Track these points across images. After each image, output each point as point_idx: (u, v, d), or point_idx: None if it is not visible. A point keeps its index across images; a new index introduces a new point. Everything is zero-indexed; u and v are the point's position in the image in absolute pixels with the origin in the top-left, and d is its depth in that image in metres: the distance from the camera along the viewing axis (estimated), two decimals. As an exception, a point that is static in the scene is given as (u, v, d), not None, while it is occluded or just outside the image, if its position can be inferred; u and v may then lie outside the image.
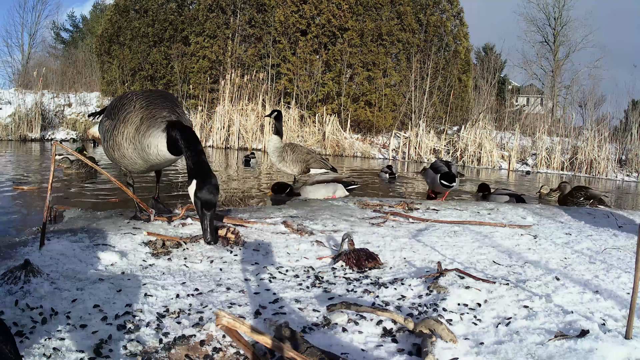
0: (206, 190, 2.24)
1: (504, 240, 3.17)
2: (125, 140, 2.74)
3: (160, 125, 2.65)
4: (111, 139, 2.81)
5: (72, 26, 37.87)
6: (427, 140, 15.98)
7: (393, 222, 3.64)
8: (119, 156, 2.84)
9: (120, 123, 2.75)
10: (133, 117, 2.72)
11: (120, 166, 3.03)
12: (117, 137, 2.77)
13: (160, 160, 2.75)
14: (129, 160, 2.82)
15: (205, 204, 2.24)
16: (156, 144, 2.65)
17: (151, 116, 2.69)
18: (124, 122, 2.74)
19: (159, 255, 2.40)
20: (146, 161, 2.77)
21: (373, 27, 18.25)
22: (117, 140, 2.77)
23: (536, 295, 2.02)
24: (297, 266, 2.40)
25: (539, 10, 29.59)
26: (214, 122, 16.22)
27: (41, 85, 16.02)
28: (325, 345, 1.50)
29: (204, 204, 2.24)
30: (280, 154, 6.19)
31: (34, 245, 2.32)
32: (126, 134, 2.73)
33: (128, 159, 2.82)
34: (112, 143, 2.81)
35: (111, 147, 2.84)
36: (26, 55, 30.81)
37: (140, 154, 2.73)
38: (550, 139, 15.96)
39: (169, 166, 3.13)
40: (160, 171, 3.38)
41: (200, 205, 2.25)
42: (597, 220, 4.37)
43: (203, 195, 2.23)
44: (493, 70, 21.25)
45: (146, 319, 1.62)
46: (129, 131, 2.72)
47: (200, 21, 19.08)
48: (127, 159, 2.82)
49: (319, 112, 16.91)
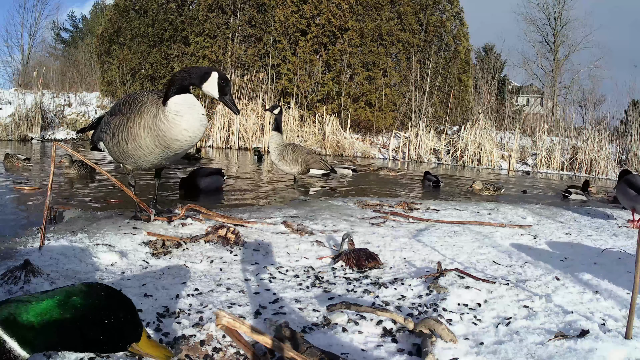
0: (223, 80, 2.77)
1: (504, 240, 3.17)
2: (142, 129, 2.80)
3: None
4: (125, 131, 2.86)
5: (72, 26, 37.85)
6: (427, 140, 15.97)
7: (393, 222, 3.64)
8: (132, 148, 2.87)
9: (136, 114, 2.82)
10: (149, 107, 2.80)
11: (126, 164, 3.07)
12: (133, 128, 2.82)
13: (186, 137, 2.77)
14: (145, 151, 2.86)
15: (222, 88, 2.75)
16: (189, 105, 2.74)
17: None
18: (139, 113, 2.81)
19: (159, 255, 2.40)
20: (166, 147, 2.81)
21: (373, 27, 18.24)
22: (132, 132, 2.83)
23: (536, 295, 2.02)
24: (297, 266, 2.40)
25: (539, 10, 29.58)
26: (214, 122, 16.21)
27: (41, 85, 16.01)
28: (325, 345, 1.50)
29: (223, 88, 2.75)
30: (281, 152, 6.19)
31: (34, 245, 2.32)
32: (143, 123, 2.79)
33: (144, 149, 2.85)
34: (126, 135, 2.86)
35: (124, 140, 2.88)
36: (26, 55, 30.80)
37: (161, 140, 2.78)
38: (550, 139, 15.95)
39: (182, 156, 3.14)
40: (161, 171, 3.39)
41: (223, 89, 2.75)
42: (597, 220, 4.37)
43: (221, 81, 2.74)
44: (493, 70, 21.25)
45: (146, 319, 1.62)
46: (147, 120, 2.78)
47: (200, 21, 19.07)
48: (142, 150, 2.86)
49: (319, 112, 16.90)
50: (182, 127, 2.72)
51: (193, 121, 2.74)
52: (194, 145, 2.92)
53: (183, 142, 2.78)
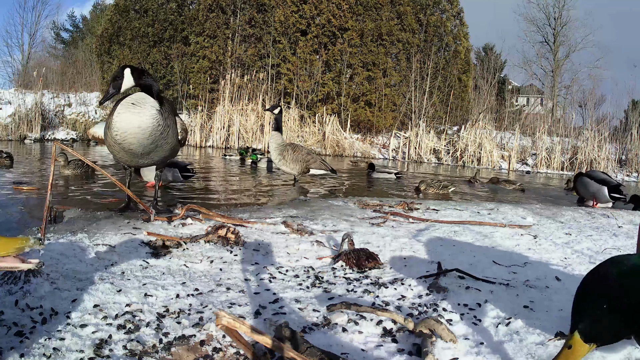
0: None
1: (504, 240, 3.17)
2: (107, 127, 3.03)
3: None
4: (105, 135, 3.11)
5: (72, 26, 37.84)
6: (427, 140, 15.97)
7: (393, 222, 3.64)
8: (107, 144, 3.12)
9: (110, 115, 3.05)
10: (116, 106, 3.00)
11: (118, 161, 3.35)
12: (106, 131, 3.05)
13: (124, 135, 2.93)
14: (112, 148, 3.09)
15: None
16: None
17: None
18: (111, 112, 3.02)
19: (159, 255, 2.40)
20: (118, 143, 2.98)
21: (373, 27, 18.24)
22: (106, 133, 3.07)
23: (536, 295, 2.02)
24: (297, 266, 2.40)
25: (539, 10, 29.54)
26: (214, 122, 16.21)
27: (41, 85, 16.01)
28: (325, 345, 1.50)
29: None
30: (281, 152, 6.20)
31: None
32: (108, 122, 3.02)
33: (111, 146, 3.08)
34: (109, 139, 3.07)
35: (107, 144, 3.12)
36: (26, 55, 30.80)
37: (112, 138, 2.97)
38: (550, 139, 15.94)
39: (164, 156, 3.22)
40: (160, 171, 3.39)
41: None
42: (597, 220, 4.37)
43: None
44: (493, 70, 21.24)
45: (146, 319, 1.62)
46: (109, 119, 2.99)
47: (200, 21, 19.06)
48: (111, 147, 3.09)
49: (319, 112, 16.90)
50: (117, 126, 2.90)
51: (128, 120, 2.88)
52: (153, 143, 3.01)
53: (125, 139, 2.92)
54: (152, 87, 2.94)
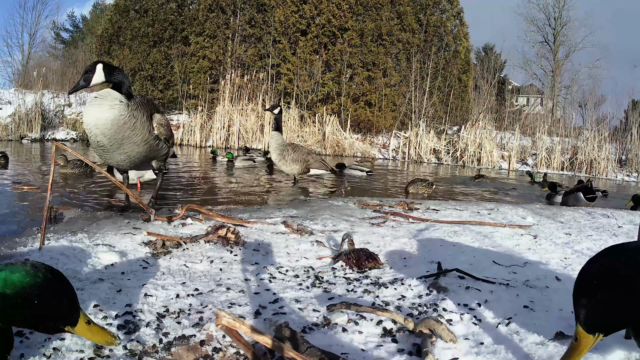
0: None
1: (504, 240, 3.17)
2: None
3: None
4: None
5: (72, 26, 37.85)
6: (427, 140, 15.97)
7: (393, 222, 3.64)
8: (93, 148, 3.22)
9: None
10: None
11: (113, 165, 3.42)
12: None
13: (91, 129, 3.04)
14: (93, 146, 3.17)
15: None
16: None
17: None
18: None
19: (159, 255, 2.40)
20: (91, 139, 3.10)
21: (373, 27, 18.24)
22: None
23: (536, 295, 2.02)
24: (297, 266, 2.40)
25: (539, 10, 29.54)
26: (214, 122, 16.20)
27: (41, 85, 16.00)
28: (325, 345, 1.50)
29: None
30: (281, 152, 6.20)
31: (34, 245, 2.32)
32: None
33: (95, 148, 3.18)
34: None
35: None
36: (26, 55, 30.77)
37: (87, 133, 3.10)
38: (550, 139, 15.94)
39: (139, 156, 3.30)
40: (159, 171, 3.40)
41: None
42: (597, 220, 4.37)
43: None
44: (493, 70, 21.24)
45: (146, 319, 1.62)
46: None
47: (200, 21, 19.05)
48: (94, 146, 3.18)
49: (319, 112, 16.89)
50: (84, 120, 3.07)
51: (91, 112, 3.00)
52: (118, 134, 3.07)
53: (92, 133, 3.03)
54: (121, 84, 3.04)
